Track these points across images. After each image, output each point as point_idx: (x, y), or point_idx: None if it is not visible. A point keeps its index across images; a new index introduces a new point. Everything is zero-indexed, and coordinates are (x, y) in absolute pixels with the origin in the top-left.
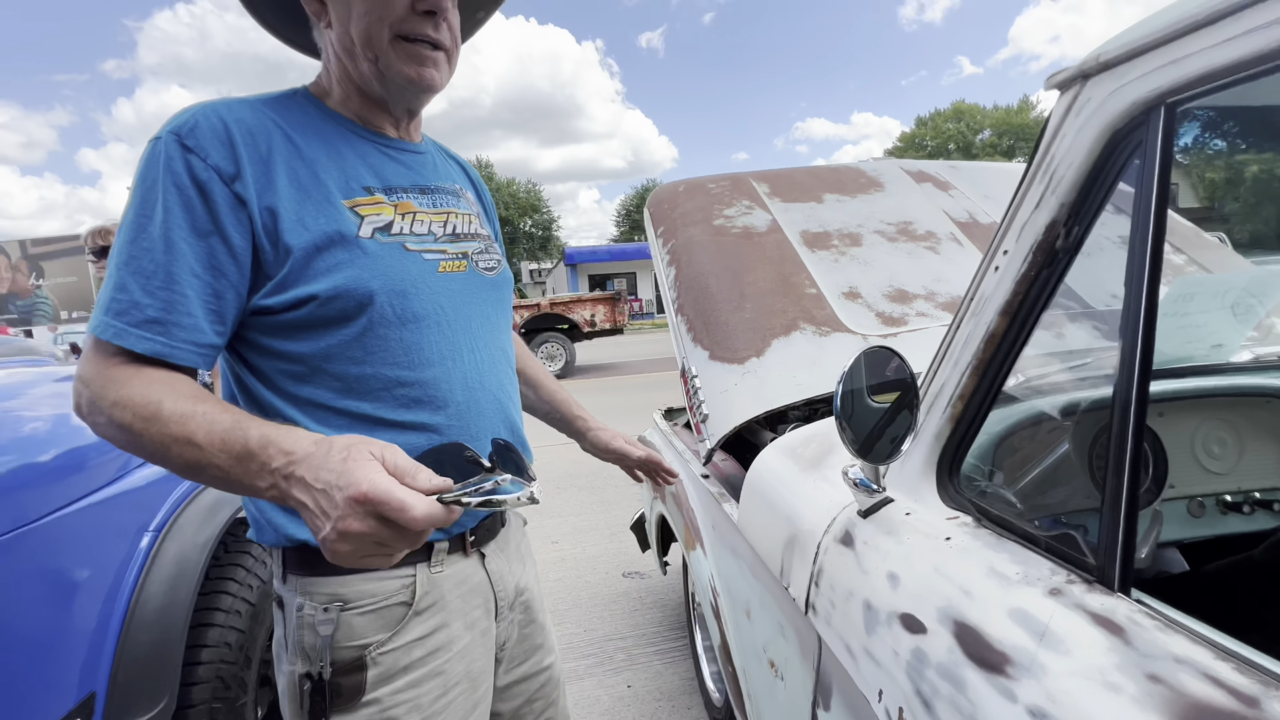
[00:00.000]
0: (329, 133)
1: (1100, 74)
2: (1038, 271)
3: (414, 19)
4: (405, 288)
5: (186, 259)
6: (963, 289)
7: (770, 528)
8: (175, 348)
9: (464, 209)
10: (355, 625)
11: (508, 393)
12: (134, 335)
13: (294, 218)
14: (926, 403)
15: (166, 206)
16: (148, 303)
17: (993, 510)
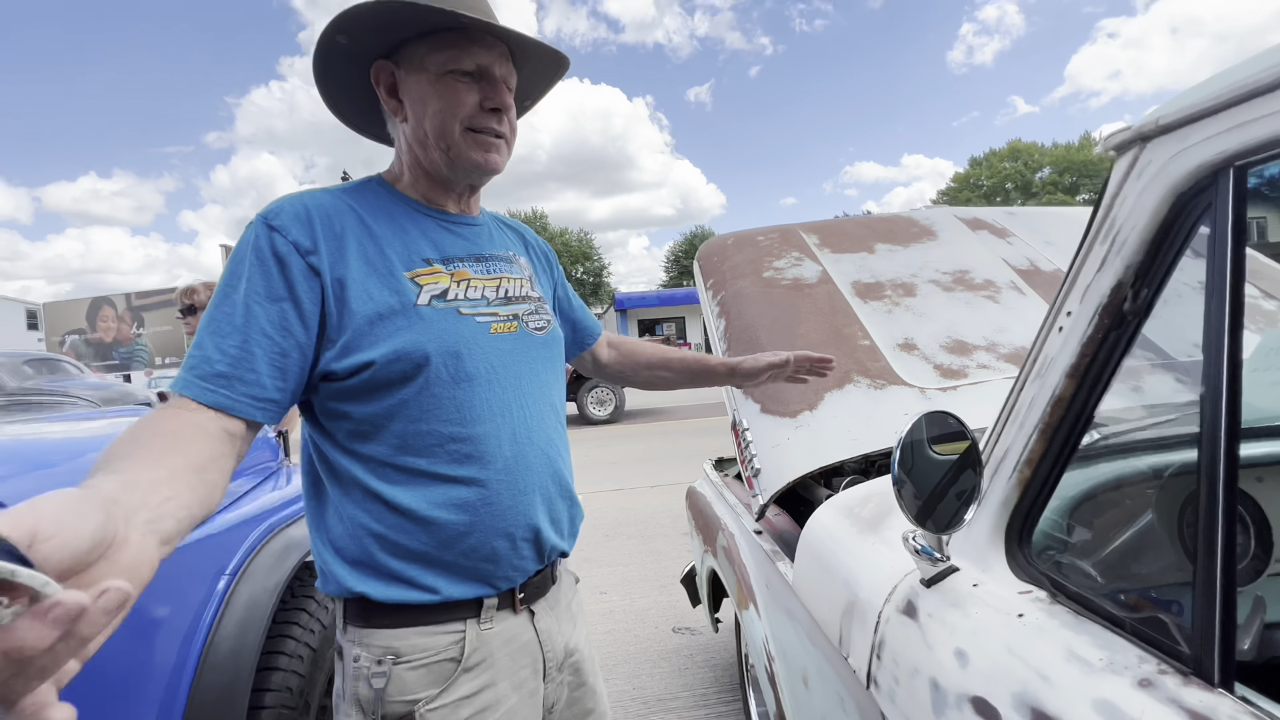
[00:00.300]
0: (396, 213)
1: (1159, 137)
2: (1105, 334)
3: (482, 115)
4: (459, 349)
5: (259, 321)
6: (1027, 340)
7: (827, 592)
8: (236, 400)
9: (516, 274)
10: (406, 680)
11: (555, 447)
12: (198, 386)
13: (361, 288)
14: (991, 466)
15: (249, 277)
16: (218, 359)
17: (1069, 585)
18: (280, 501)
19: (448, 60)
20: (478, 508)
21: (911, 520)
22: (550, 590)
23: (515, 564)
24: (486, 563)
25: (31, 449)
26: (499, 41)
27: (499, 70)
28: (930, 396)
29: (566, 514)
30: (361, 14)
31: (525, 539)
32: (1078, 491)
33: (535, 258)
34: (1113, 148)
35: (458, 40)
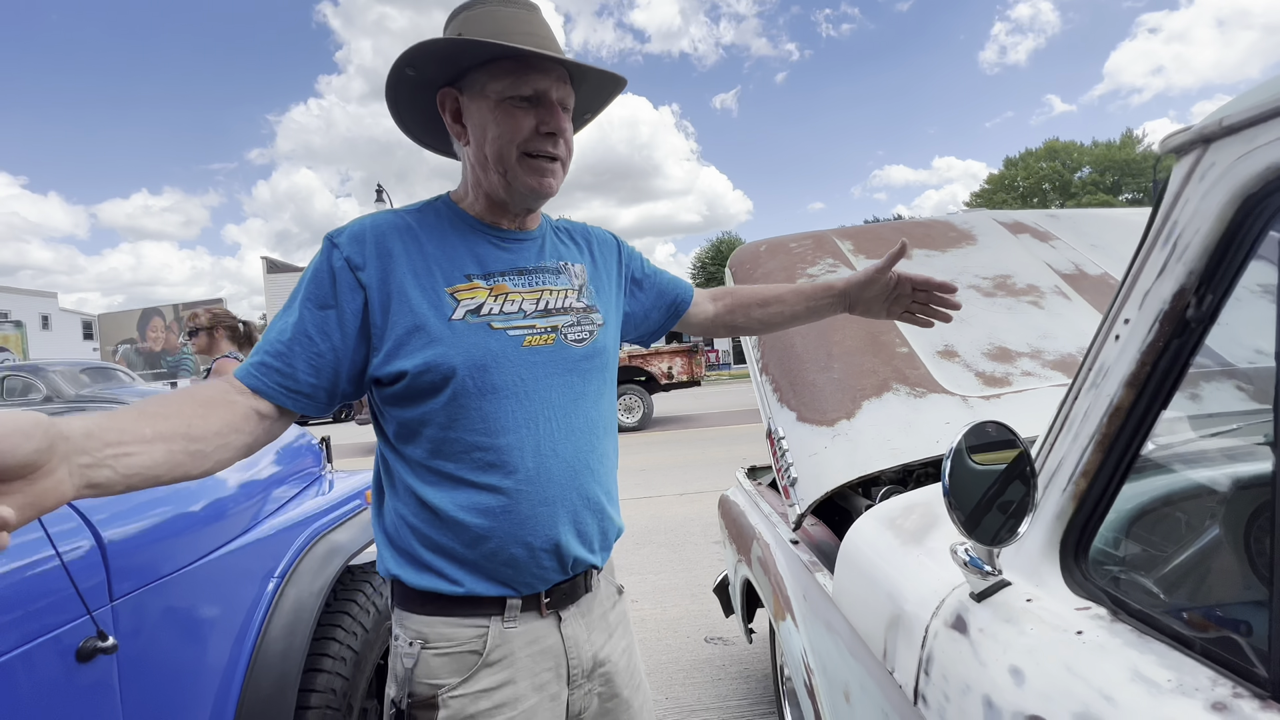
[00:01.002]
0: (450, 231)
1: (1224, 138)
2: (1166, 342)
3: (538, 139)
4: (486, 362)
5: (305, 325)
6: (1073, 346)
7: (870, 604)
8: (268, 386)
9: (562, 285)
10: (432, 664)
11: (585, 461)
12: (245, 369)
13: (403, 302)
14: (1044, 478)
15: (307, 285)
16: (267, 350)
17: (1130, 602)
18: (324, 507)
19: (506, 87)
20: (498, 514)
21: (963, 532)
22: (582, 598)
23: (535, 572)
24: (506, 567)
25: None
26: (557, 65)
27: (555, 94)
28: (973, 405)
29: (597, 528)
30: (428, 50)
31: (545, 549)
32: (1136, 504)
33: (598, 257)
34: (1171, 150)
35: (516, 68)
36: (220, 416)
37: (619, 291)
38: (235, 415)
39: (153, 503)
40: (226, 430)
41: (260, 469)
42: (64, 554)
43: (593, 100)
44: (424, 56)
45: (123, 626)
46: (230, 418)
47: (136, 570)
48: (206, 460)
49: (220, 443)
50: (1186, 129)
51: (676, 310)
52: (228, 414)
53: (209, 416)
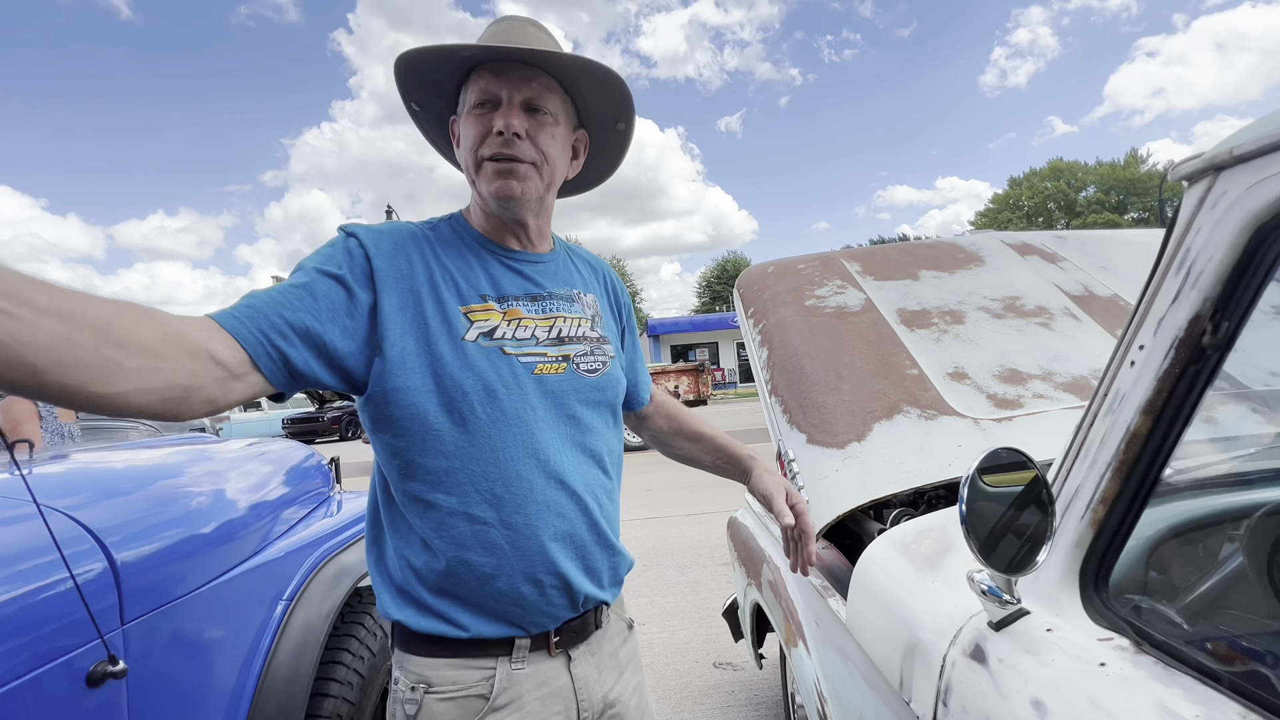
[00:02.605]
0: (464, 248)
1: (1235, 166)
2: (1183, 368)
3: (492, 140)
4: (496, 388)
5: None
6: (1085, 368)
7: (885, 632)
8: (247, 329)
9: (575, 313)
10: (435, 711)
11: (593, 493)
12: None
13: (416, 312)
14: (1061, 504)
15: (318, 258)
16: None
17: (1154, 633)
18: (333, 528)
19: (470, 98)
20: (505, 551)
21: (980, 560)
22: (592, 636)
23: (545, 610)
24: (515, 607)
25: (108, 476)
26: (521, 65)
27: (514, 95)
28: (985, 427)
29: (606, 563)
30: (400, 79)
31: (554, 585)
32: (1155, 531)
33: (610, 293)
34: (1183, 177)
35: (479, 76)
36: (158, 331)
37: (618, 329)
38: (181, 341)
39: (166, 524)
40: (160, 349)
41: (270, 490)
42: (77, 576)
43: (608, 105)
44: (408, 87)
45: (133, 650)
46: (172, 337)
47: (148, 593)
48: (118, 375)
49: (145, 362)
50: (1197, 156)
51: (630, 399)
52: (170, 334)
53: (142, 324)
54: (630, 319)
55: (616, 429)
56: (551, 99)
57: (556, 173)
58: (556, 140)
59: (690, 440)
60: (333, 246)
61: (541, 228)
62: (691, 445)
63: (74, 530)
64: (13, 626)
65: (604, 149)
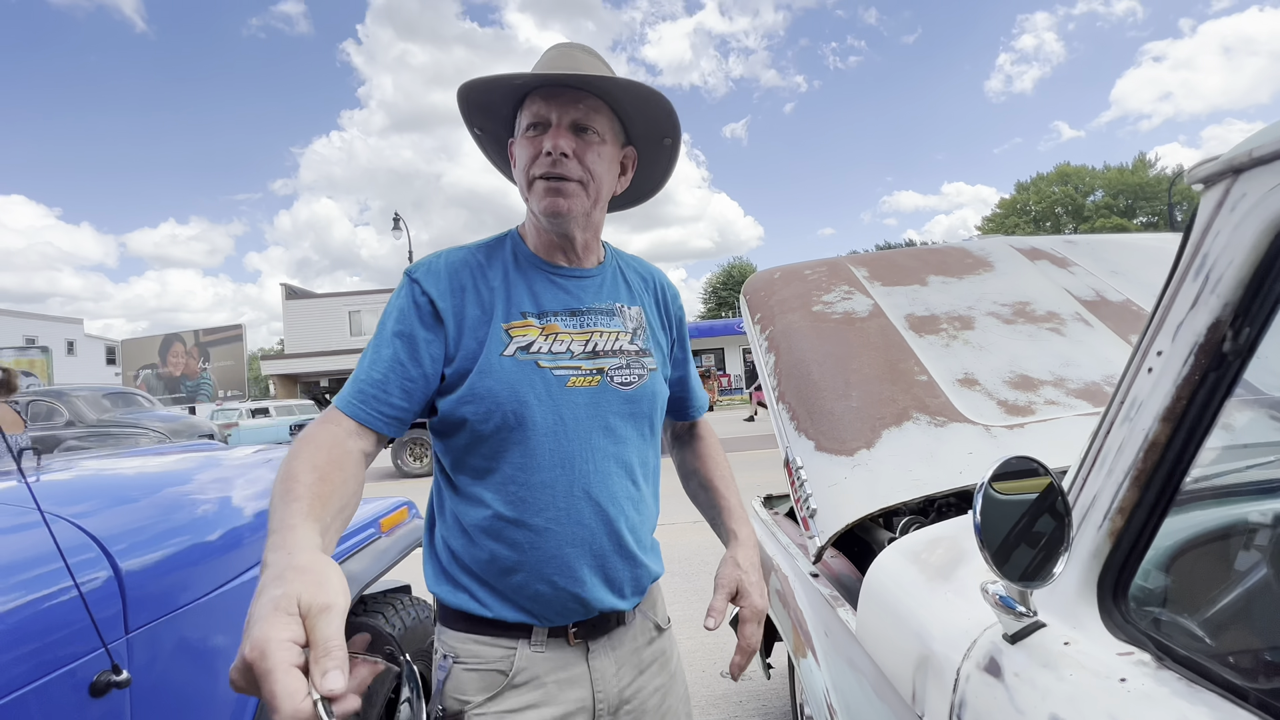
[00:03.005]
0: (512, 267)
1: (1254, 168)
2: (1203, 375)
3: (542, 160)
4: (528, 399)
5: (397, 353)
6: (1098, 374)
7: (896, 643)
8: (370, 415)
9: (614, 327)
10: (461, 680)
11: (619, 505)
12: (344, 399)
13: (470, 335)
14: (1077, 513)
15: (396, 319)
16: (363, 379)
17: (1176, 647)
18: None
19: (523, 121)
20: (525, 549)
21: (995, 571)
22: (614, 632)
23: (559, 610)
24: (531, 601)
25: (115, 484)
26: (569, 89)
27: (562, 117)
28: (996, 434)
29: (628, 574)
30: (463, 105)
31: (568, 590)
32: (1175, 541)
33: (659, 305)
34: (1199, 180)
35: (532, 101)
36: (355, 475)
37: (667, 346)
38: (358, 468)
39: (172, 531)
40: (358, 486)
41: None
42: (82, 585)
43: (654, 123)
44: (470, 111)
45: (137, 659)
46: (357, 473)
47: (153, 601)
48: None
49: (356, 499)
50: (1213, 159)
51: (680, 412)
52: (355, 470)
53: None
54: (682, 329)
55: (652, 440)
56: (599, 119)
57: (604, 189)
58: (603, 159)
59: (701, 487)
60: (402, 298)
61: (589, 241)
62: (700, 493)
63: (79, 538)
64: (17, 635)
65: (652, 163)
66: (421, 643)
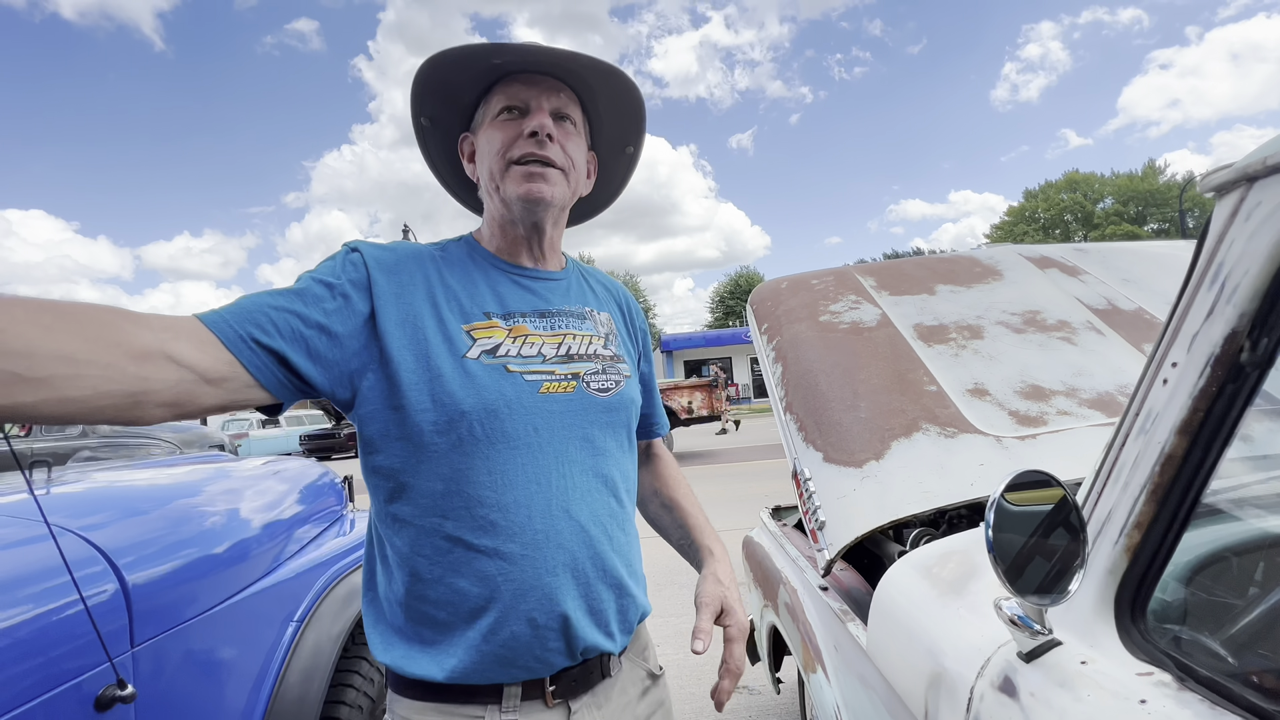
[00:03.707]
0: (472, 267)
1: (1268, 177)
2: (1220, 386)
3: (522, 143)
4: (498, 408)
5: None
6: (1111, 384)
7: (908, 660)
8: (225, 325)
9: (586, 330)
10: None
11: (602, 525)
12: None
13: (415, 329)
14: (1092, 528)
15: (315, 269)
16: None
17: (1198, 667)
18: (345, 547)
19: (495, 105)
20: (499, 583)
21: (1009, 589)
22: (598, 686)
23: (538, 655)
24: (504, 648)
25: (124, 496)
26: (547, 78)
27: (544, 103)
28: (1008, 445)
29: (614, 605)
30: (418, 87)
31: (551, 627)
32: (1195, 556)
33: (626, 314)
34: (1212, 189)
35: (506, 85)
36: (86, 337)
37: (635, 352)
38: (120, 344)
39: (179, 544)
40: (85, 355)
41: (284, 509)
42: (88, 598)
43: (621, 126)
44: (424, 97)
45: (142, 673)
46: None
47: (159, 614)
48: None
49: (60, 370)
50: (1226, 167)
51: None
52: (105, 339)
53: (62, 331)
54: (646, 344)
55: (631, 452)
56: (575, 112)
57: (580, 182)
58: (581, 150)
59: (664, 507)
60: (333, 259)
61: (555, 240)
62: (663, 514)
63: (86, 551)
64: (22, 650)
65: (610, 174)
66: None
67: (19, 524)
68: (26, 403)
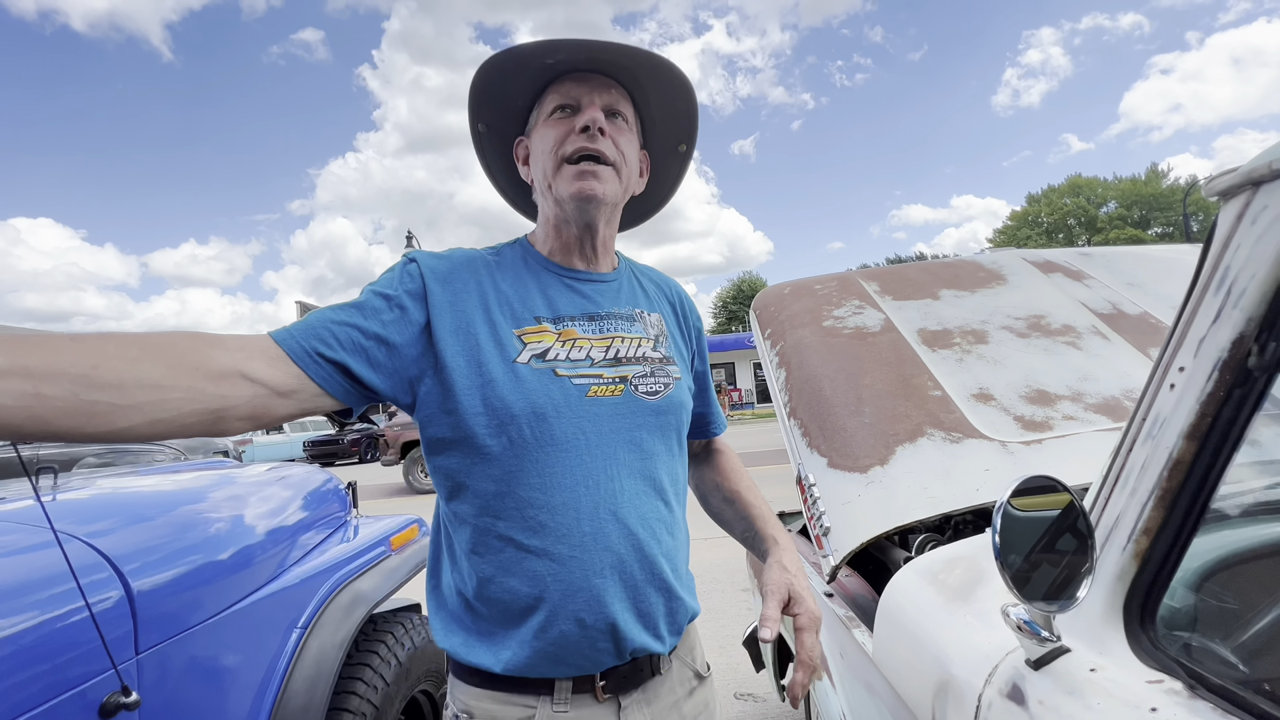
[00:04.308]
0: (524, 271)
1: (1274, 181)
2: (1228, 391)
3: (574, 137)
4: (546, 411)
5: (361, 304)
6: (1116, 388)
7: (915, 667)
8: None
9: (635, 333)
10: None
11: (651, 528)
12: (281, 328)
13: (468, 336)
14: (1100, 534)
15: (375, 281)
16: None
17: (1208, 675)
18: (349, 554)
19: (549, 105)
20: (548, 583)
21: (1017, 595)
22: (649, 684)
23: (588, 654)
24: (555, 645)
25: (129, 502)
26: (599, 76)
27: (596, 99)
28: (1013, 450)
29: (663, 608)
30: (474, 94)
31: (599, 628)
32: (1205, 561)
33: (680, 314)
34: (1218, 193)
35: (559, 85)
36: (166, 364)
37: (688, 352)
38: (200, 368)
39: (184, 551)
40: (169, 380)
41: (288, 515)
42: (93, 604)
43: (673, 125)
44: (481, 103)
45: (146, 680)
46: (187, 366)
47: (164, 621)
48: (115, 415)
49: (149, 397)
50: (1232, 171)
51: (695, 426)
52: (185, 364)
53: (145, 360)
54: (701, 342)
55: (680, 456)
56: (627, 109)
57: (631, 179)
58: (633, 146)
59: (726, 501)
60: (392, 271)
61: (607, 240)
62: (725, 507)
63: (91, 557)
64: (27, 656)
65: (663, 174)
66: (431, 663)
67: (25, 530)
68: (123, 427)
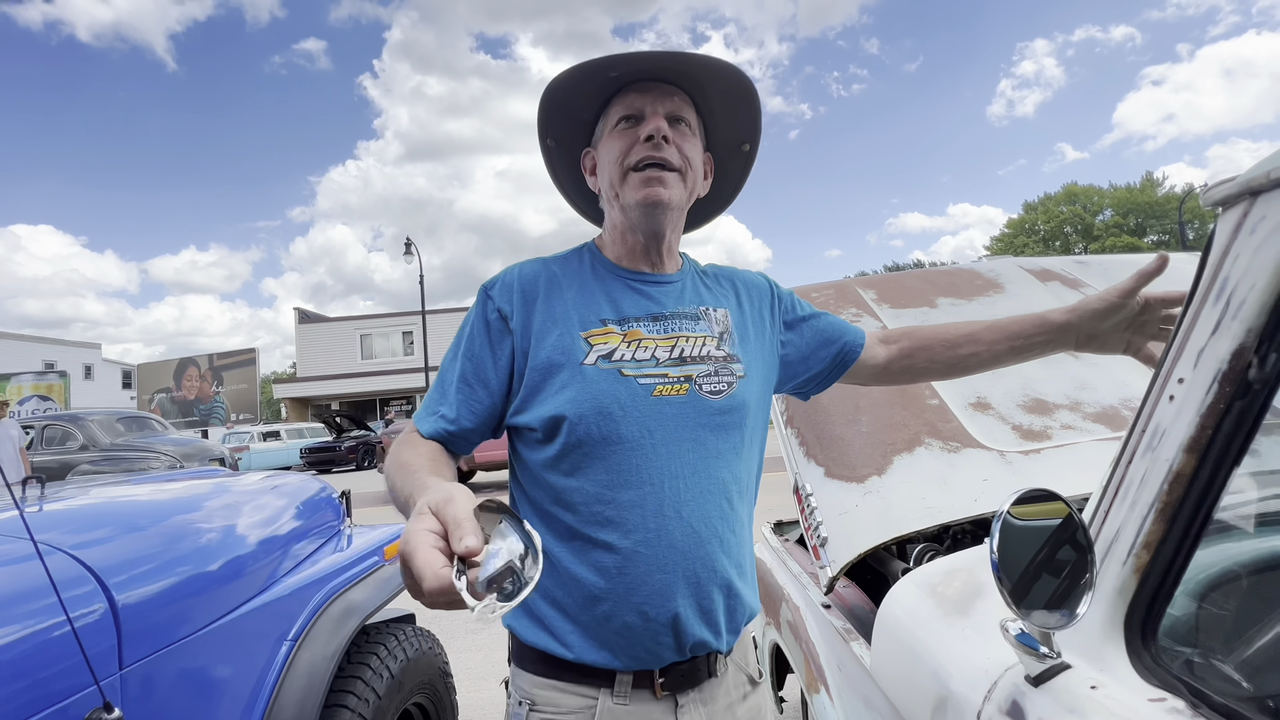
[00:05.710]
0: (589, 276)
1: (1272, 190)
2: (1228, 403)
3: (639, 147)
4: (613, 410)
5: (465, 374)
6: (1114, 397)
7: (913, 682)
8: (439, 431)
9: (700, 332)
10: None
11: (714, 527)
12: (419, 417)
13: (539, 346)
14: (1100, 548)
15: (465, 337)
16: (435, 398)
17: (1211, 693)
18: (341, 564)
19: (614, 116)
20: (614, 575)
21: (1016, 610)
22: (705, 684)
23: (649, 647)
24: (618, 636)
25: (123, 512)
26: (661, 84)
27: (659, 108)
28: (1012, 460)
29: (724, 606)
30: (543, 111)
31: (662, 623)
32: (1207, 576)
33: (745, 301)
34: (1215, 203)
35: (623, 97)
36: (450, 464)
37: (771, 338)
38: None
39: (171, 563)
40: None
41: (281, 524)
42: (75, 619)
43: (735, 126)
44: (550, 119)
45: (130, 695)
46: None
47: (149, 635)
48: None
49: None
50: (1230, 180)
51: (844, 358)
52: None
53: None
54: (792, 301)
55: (746, 455)
56: (689, 114)
57: (696, 183)
58: (697, 150)
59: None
60: (475, 314)
61: (673, 244)
62: (967, 347)
63: (75, 570)
64: (4, 673)
65: (727, 173)
66: (425, 675)
67: (6, 542)
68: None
